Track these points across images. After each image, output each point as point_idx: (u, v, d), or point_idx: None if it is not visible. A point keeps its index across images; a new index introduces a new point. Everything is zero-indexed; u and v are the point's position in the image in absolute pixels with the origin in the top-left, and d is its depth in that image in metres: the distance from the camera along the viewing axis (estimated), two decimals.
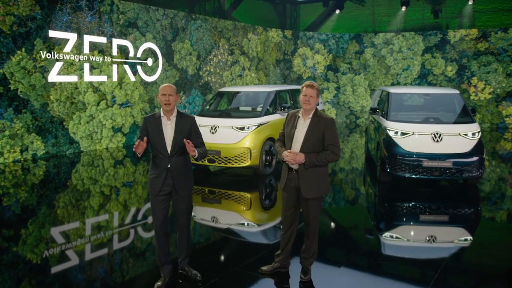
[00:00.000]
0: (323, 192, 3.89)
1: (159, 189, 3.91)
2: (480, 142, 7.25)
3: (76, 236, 5.55)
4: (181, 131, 3.91)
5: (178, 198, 3.97)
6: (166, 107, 3.87)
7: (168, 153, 3.89)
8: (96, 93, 11.19)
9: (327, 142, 3.79)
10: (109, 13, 11.39)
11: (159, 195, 3.93)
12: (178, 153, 3.91)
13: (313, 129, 3.81)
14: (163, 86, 3.92)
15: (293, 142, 3.87)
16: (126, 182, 8.36)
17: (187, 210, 4.03)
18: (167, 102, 3.85)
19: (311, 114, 3.88)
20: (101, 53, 11.17)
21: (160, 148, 3.89)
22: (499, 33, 16.38)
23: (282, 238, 4.13)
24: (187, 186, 4.01)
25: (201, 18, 14.34)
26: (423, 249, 5.25)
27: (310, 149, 3.79)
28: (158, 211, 3.95)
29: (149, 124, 3.94)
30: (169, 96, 3.87)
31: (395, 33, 18.22)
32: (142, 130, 3.98)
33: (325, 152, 3.78)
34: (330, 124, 3.81)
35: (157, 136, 3.89)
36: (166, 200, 3.98)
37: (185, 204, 4.00)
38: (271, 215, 6.57)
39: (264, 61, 17.36)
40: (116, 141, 11.79)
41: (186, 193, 4.00)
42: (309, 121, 3.86)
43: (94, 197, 7.21)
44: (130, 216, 6.42)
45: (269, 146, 8.42)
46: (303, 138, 3.83)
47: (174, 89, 3.94)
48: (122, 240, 5.46)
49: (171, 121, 3.93)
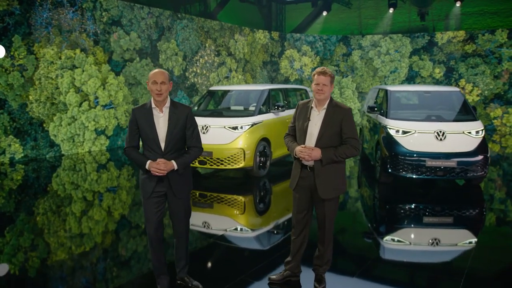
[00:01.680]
0: (341, 192, 3.49)
1: (151, 190, 3.42)
2: (484, 140, 6.98)
3: (57, 245, 5.06)
4: (175, 124, 3.41)
5: (175, 200, 3.50)
6: (158, 97, 3.35)
7: (162, 150, 3.40)
8: (78, 93, 10.64)
9: (345, 135, 3.39)
10: (92, 10, 10.88)
11: (152, 196, 3.44)
12: (174, 149, 3.43)
13: (329, 121, 3.40)
14: (154, 72, 3.37)
15: (307, 136, 3.46)
16: (110, 187, 7.86)
17: (185, 214, 3.57)
18: (158, 92, 3.31)
19: (325, 104, 3.47)
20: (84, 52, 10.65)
21: (152, 144, 3.39)
22: (486, 35, 16.33)
23: (292, 243, 3.70)
24: (185, 187, 3.54)
25: (187, 18, 13.91)
26: (442, 255, 4.88)
27: (327, 143, 3.39)
28: (152, 215, 3.46)
29: (139, 116, 3.42)
30: (161, 84, 3.32)
31: (382, 35, 18.07)
32: (131, 124, 3.47)
33: (343, 146, 3.39)
34: (348, 115, 3.42)
35: (149, 131, 3.38)
36: (161, 203, 3.49)
37: (183, 206, 3.54)
38: (271, 219, 6.16)
39: (251, 62, 17.00)
40: (99, 144, 11.24)
41: (184, 195, 3.53)
42: (324, 112, 3.45)
43: (76, 203, 6.72)
44: (116, 223, 5.94)
45: (263, 146, 8.02)
46: (318, 132, 3.42)
47: (167, 75, 3.40)
48: (109, 249, 4.98)
49: (164, 113, 3.42)
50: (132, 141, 3.48)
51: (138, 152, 3.50)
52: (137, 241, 5.19)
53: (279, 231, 5.54)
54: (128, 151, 3.49)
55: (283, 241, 5.04)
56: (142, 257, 4.68)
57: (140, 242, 5.14)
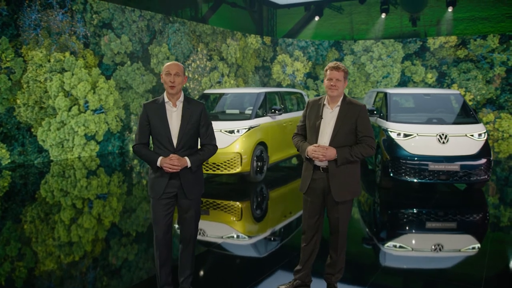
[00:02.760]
0: (356, 194, 3.28)
1: (162, 190, 3.22)
2: (487, 143, 6.84)
3: (45, 254, 4.78)
4: (189, 119, 3.24)
5: (186, 202, 3.30)
6: (171, 90, 3.19)
7: (174, 147, 3.22)
8: (68, 97, 10.34)
9: (361, 133, 3.19)
10: (82, 12, 10.61)
11: (163, 197, 3.24)
12: (186, 146, 3.25)
13: (344, 119, 3.20)
14: (168, 63, 3.24)
15: (320, 135, 3.25)
16: (100, 194, 7.58)
17: (195, 217, 3.36)
18: (172, 83, 3.17)
19: (339, 101, 3.27)
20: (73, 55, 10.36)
21: (164, 140, 3.22)
22: (478, 40, 16.36)
23: (303, 251, 3.46)
24: (197, 187, 3.34)
25: (179, 21, 13.69)
26: (457, 262, 4.69)
27: (341, 142, 3.18)
28: (161, 218, 3.25)
29: (150, 111, 3.25)
30: (175, 76, 3.17)
31: (374, 41, 18.03)
32: (141, 119, 3.28)
33: (359, 146, 3.18)
34: (363, 112, 3.21)
35: (161, 126, 3.21)
36: (171, 205, 3.29)
37: (194, 210, 3.33)
38: (274, 225, 5.93)
39: (243, 67, 16.82)
40: (89, 150, 10.93)
41: (196, 196, 3.33)
42: (337, 110, 3.25)
43: (65, 211, 6.43)
44: (106, 231, 5.68)
45: (260, 151, 7.80)
46: (332, 130, 3.21)
47: (182, 67, 3.25)
48: (99, 258, 4.71)
49: (177, 107, 3.26)
50: (142, 138, 3.30)
51: (148, 149, 3.31)
52: (128, 250, 4.95)
53: (285, 237, 5.31)
54: (137, 148, 3.30)
55: (290, 248, 4.80)
56: (133, 267, 4.44)
57: (131, 251, 4.91)
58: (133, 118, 12.16)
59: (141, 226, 5.86)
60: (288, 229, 5.75)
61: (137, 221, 6.09)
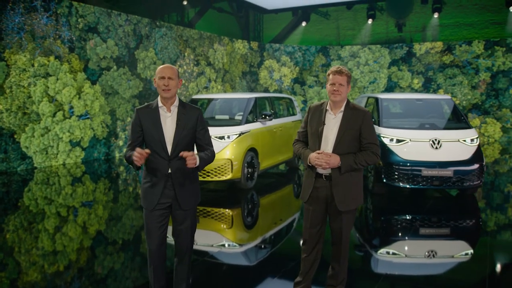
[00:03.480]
0: (359, 203, 3.17)
1: (156, 201, 3.05)
2: (479, 148, 6.83)
3: (28, 264, 4.58)
4: (184, 125, 3.08)
5: (181, 213, 3.13)
6: (165, 94, 3.04)
7: (169, 154, 3.05)
8: (52, 103, 10.09)
9: (365, 140, 3.08)
10: (67, 16, 10.38)
11: (157, 209, 3.07)
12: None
13: (348, 125, 3.09)
14: (162, 67, 3.08)
15: (322, 142, 3.14)
16: (86, 201, 7.37)
17: (191, 228, 3.20)
18: (166, 87, 3.01)
19: (342, 106, 3.16)
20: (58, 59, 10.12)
21: (158, 147, 3.05)
22: (463, 46, 16.51)
23: (303, 262, 3.33)
24: (193, 198, 3.17)
25: (166, 26, 13.53)
26: (461, 271, 4.61)
27: (345, 149, 3.07)
28: (155, 230, 3.08)
29: (143, 116, 3.09)
30: (169, 79, 3.03)
31: (361, 46, 18.08)
32: (134, 125, 3.11)
33: (363, 153, 3.08)
34: (367, 118, 3.11)
35: (154, 132, 3.05)
36: (165, 216, 3.13)
37: (190, 221, 3.17)
38: (270, 233, 5.79)
39: (231, 73, 16.70)
40: (74, 156, 10.67)
41: (191, 207, 3.16)
42: (341, 116, 3.14)
43: (49, 219, 6.24)
44: (92, 239, 5.50)
45: (251, 157, 7.67)
46: (336, 137, 3.10)
47: (176, 71, 3.10)
48: (85, 268, 4.54)
49: (171, 112, 3.10)
50: (134, 145, 3.12)
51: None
52: (115, 259, 4.80)
53: (282, 246, 5.19)
54: (128, 154, 3.10)
55: (288, 258, 4.67)
56: (119, 276, 4.28)
57: (118, 260, 4.76)
58: (119, 124, 11.94)
59: (128, 234, 5.71)
60: (285, 237, 5.63)
61: (124, 229, 5.93)
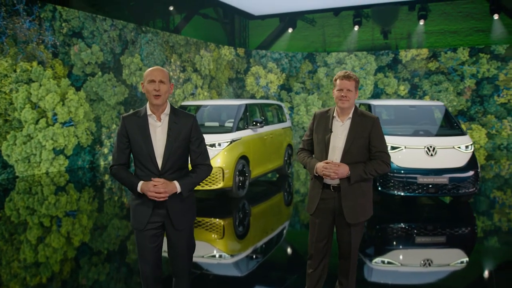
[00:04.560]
0: (369, 215, 3.02)
1: (146, 220, 2.74)
2: (474, 155, 6.76)
3: (9, 277, 4.34)
4: (176, 135, 2.75)
5: (176, 234, 2.82)
6: (156, 100, 2.71)
7: (159, 169, 2.72)
8: (35, 109, 9.77)
9: (375, 148, 2.93)
10: (51, 20, 10.10)
11: (147, 228, 2.76)
12: (174, 168, 2.76)
13: (356, 133, 2.94)
14: (151, 69, 2.77)
15: (330, 151, 2.98)
16: (70, 211, 7.11)
17: (187, 249, 2.88)
18: (157, 92, 2.69)
19: (350, 113, 3.01)
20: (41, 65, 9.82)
21: (147, 161, 2.72)
22: (449, 53, 16.65)
23: (309, 278, 3.16)
24: (187, 216, 2.86)
25: (152, 32, 13.30)
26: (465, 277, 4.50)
27: (353, 158, 2.92)
28: (147, 251, 2.78)
29: (130, 125, 2.75)
30: (160, 83, 2.71)
31: (347, 53, 18.10)
32: (119, 135, 2.78)
33: (373, 162, 2.92)
34: (376, 125, 2.97)
35: (143, 144, 2.72)
36: (158, 235, 2.83)
37: (185, 240, 2.86)
38: (266, 245, 5.61)
39: (217, 79, 16.52)
40: (57, 165, 10.35)
41: (186, 225, 2.85)
42: (349, 123, 2.99)
43: (32, 230, 5.99)
44: (76, 250, 5.27)
45: (242, 165, 7.49)
46: (344, 145, 2.95)
47: (167, 74, 2.78)
48: (69, 281, 4.32)
49: (162, 121, 2.78)
50: (120, 158, 2.80)
51: (127, 171, 2.81)
52: (100, 270, 4.60)
53: (284, 259, 5.03)
54: (114, 170, 2.79)
55: (289, 272, 4.50)
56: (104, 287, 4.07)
57: (103, 270, 4.56)
58: (104, 131, 11.64)
59: (113, 244, 5.51)
60: (285, 249, 5.48)
61: (109, 239, 5.72)
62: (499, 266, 4.85)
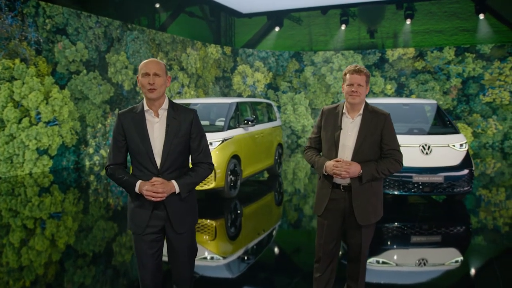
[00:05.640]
0: (380, 216, 2.89)
1: (145, 224, 2.57)
2: (468, 153, 6.72)
3: None
4: (176, 131, 2.60)
5: (176, 237, 2.65)
6: (151, 94, 2.54)
7: (158, 168, 2.57)
8: (18, 108, 9.46)
9: (387, 146, 2.81)
10: (34, 16, 9.79)
11: (147, 233, 2.59)
12: (174, 166, 2.60)
13: (368, 130, 2.81)
14: (146, 62, 2.60)
15: (339, 149, 2.84)
16: (54, 213, 6.88)
17: (189, 254, 2.71)
18: (151, 86, 2.53)
19: (361, 109, 2.88)
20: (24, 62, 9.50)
21: (145, 160, 2.56)
22: (435, 52, 16.73)
23: (316, 282, 3.02)
24: (189, 218, 2.69)
25: (138, 29, 13.04)
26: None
27: (365, 156, 2.79)
28: (147, 257, 2.61)
29: (126, 122, 2.60)
30: (155, 76, 2.54)
31: (334, 52, 18.07)
32: (115, 133, 2.62)
33: (386, 161, 2.80)
34: (388, 122, 2.85)
35: (140, 141, 2.56)
36: (158, 240, 2.65)
37: (186, 244, 2.68)
38: (265, 248, 5.47)
39: (204, 78, 16.32)
40: (41, 165, 10.05)
41: (188, 228, 2.68)
42: (359, 119, 2.86)
43: (15, 233, 5.78)
44: (61, 253, 5.08)
45: (234, 165, 7.33)
46: (355, 143, 2.81)
47: (163, 66, 2.62)
48: (53, 284, 4.15)
49: (160, 116, 2.62)
50: (117, 157, 2.64)
51: (124, 171, 2.64)
52: (85, 273, 4.42)
53: (285, 262, 4.90)
54: (111, 170, 2.62)
55: (290, 275, 4.36)
56: None
57: (89, 274, 4.39)
58: (89, 130, 11.36)
59: (99, 247, 5.33)
60: (288, 251, 5.36)
61: (95, 241, 5.53)
62: (493, 264, 4.79)
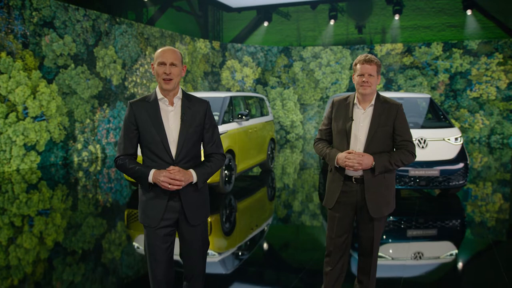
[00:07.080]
0: (392, 208, 2.85)
1: (160, 217, 2.48)
2: (463, 147, 6.75)
3: None
4: (191, 121, 2.52)
5: (190, 230, 2.57)
6: (166, 85, 2.46)
7: (173, 158, 2.47)
8: (4, 103, 9.23)
9: (400, 137, 2.76)
10: (21, 8, 9.55)
11: (160, 226, 2.50)
12: (189, 156, 2.52)
13: (380, 121, 2.76)
14: (162, 50, 2.50)
15: (351, 140, 2.79)
16: (42, 210, 6.74)
17: (202, 247, 2.63)
18: (167, 76, 2.44)
19: (372, 100, 2.83)
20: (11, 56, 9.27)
21: (160, 150, 2.47)
22: (423, 48, 16.83)
23: (327, 276, 2.97)
24: (203, 210, 2.61)
25: (126, 23, 12.84)
26: None
27: (377, 148, 2.74)
28: (160, 252, 2.52)
29: (139, 112, 2.50)
30: (171, 66, 2.45)
31: (323, 47, 18.06)
32: (127, 123, 2.52)
33: (399, 152, 2.75)
34: (401, 112, 2.80)
35: (154, 130, 2.46)
36: (171, 234, 2.57)
37: (200, 237, 2.60)
38: (268, 244, 5.41)
39: (192, 73, 16.16)
40: (29, 161, 9.83)
41: (200, 220, 2.60)
42: (371, 110, 2.81)
43: (2, 231, 5.64)
44: (49, 251, 4.96)
45: (228, 159, 7.25)
46: (367, 134, 2.76)
47: (179, 55, 2.52)
48: (42, 283, 4.05)
49: (175, 105, 2.53)
50: (128, 148, 2.53)
51: (135, 161, 2.54)
52: (75, 270, 4.33)
53: (290, 255, 4.85)
54: (121, 161, 2.52)
55: (293, 271, 4.31)
56: None
57: (78, 271, 4.30)
58: (77, 126, 11.15)
59: (88, 244, 5.22)
60: (292, 245, 5.31)
61: (84, 238, 5.41)
62: (489, 255, 4.82)
